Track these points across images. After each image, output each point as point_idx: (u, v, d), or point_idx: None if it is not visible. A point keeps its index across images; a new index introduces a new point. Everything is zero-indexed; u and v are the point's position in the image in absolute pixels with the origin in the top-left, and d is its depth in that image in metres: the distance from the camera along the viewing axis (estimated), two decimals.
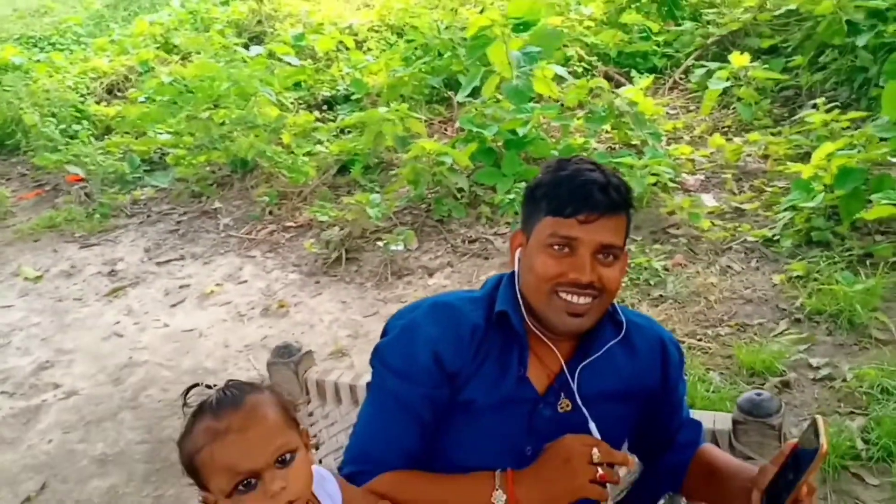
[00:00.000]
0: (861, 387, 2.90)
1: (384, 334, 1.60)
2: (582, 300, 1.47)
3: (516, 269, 1.52)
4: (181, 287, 4.47)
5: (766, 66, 5.65)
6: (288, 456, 1.29)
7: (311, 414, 2.42)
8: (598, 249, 1.45)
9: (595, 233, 1.44)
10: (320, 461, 2.25)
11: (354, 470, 1.50)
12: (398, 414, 1.52)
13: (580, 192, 1.42)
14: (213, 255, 4.82)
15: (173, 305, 4.29)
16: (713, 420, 2.02)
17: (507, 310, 1.51)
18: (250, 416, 1.28)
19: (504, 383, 1.51)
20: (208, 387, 1.36)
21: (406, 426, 1.52)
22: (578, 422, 1.55)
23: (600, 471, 1.40)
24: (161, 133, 6.41)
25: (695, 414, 2.10)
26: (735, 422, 1.93)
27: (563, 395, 1.55)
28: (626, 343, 1.58)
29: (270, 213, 5.20)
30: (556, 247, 1.44)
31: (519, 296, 1.51)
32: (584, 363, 1.55)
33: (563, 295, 1.46)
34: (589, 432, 1.56)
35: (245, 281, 4.46)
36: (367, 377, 2.48)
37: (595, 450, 1.41)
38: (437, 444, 1.56)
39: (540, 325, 1.51)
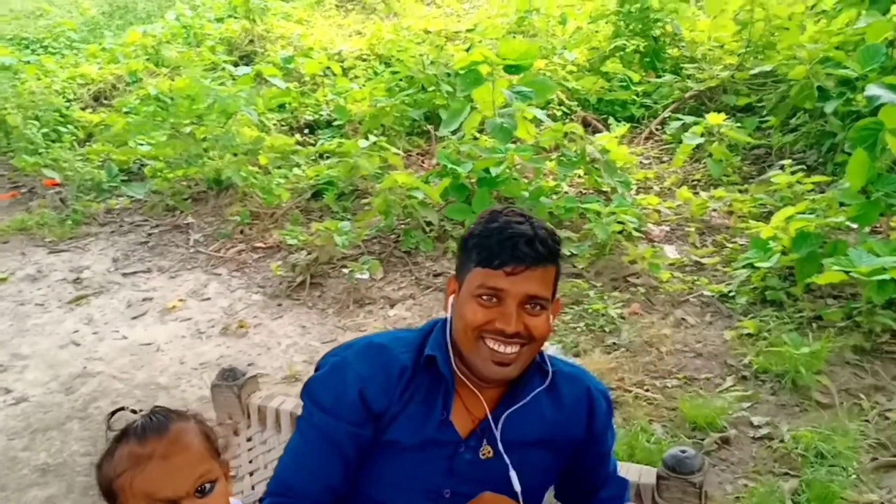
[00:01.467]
0: (797, 448, 2.96)
1: (317, 369, 1.64)
2: (509, 349, 1.52)
3: (449, 314, 1.57)
4: (144, 300, 4.49)
5: (741, 124, 5.79)
6: (208, 486, 1.32)
7: (250, 439, 2.45)
8: (524, 300, 1.51)
9: (521, 284, 1.50)
10: (253, 487, 2.27)
11: (276, 502, 1.54)
12: (323, 448, 1.55)
13: (507, 245, 1.48)
14: (180, 270, 4.84)
15: (134, 318, 4.30)
16: (639, 474, 2.07)
17: (436, 354, 1.56)
18: (174, 443, 1.31)
19: (427, 425, 1.56)
20: (133, 412, 1.40)
21: (330, 461, 1.56)
22: (499, 469, 1.60)
23: None
24: (142, 144, 6.44)
25: (623, 466, 2.16)
26: (659, 477, 1.98)
27: (485, 441, 1.59)
28: (552, 392, 1.63)
29: (241, 232, 5.23)
30: (484, 297, 1.50)
31: (449, 342, 1.56)
32: (508, 411, 1.60)
33: (490, 343, 1.52)
34: (509, 479, 1.60)
35: (208, 298, 4.48)
36: None
37: None
38: (357, 480, 1.60)
39: (469, 371, 1.56)
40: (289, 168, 5.84)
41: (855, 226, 4.03)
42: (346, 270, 4.49)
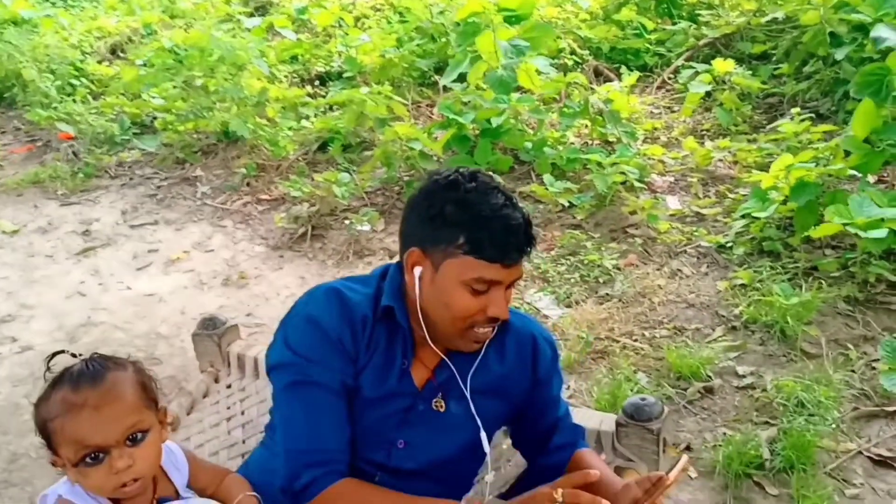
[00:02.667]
0: (779, 398, 2.97)
1: (284, 330, 1.59)
2: (490, 329, 1.55)
3: (417, 287, 1.51)
4: (150, 251, 4.57)
5: (754, 72, 5.67)
6: (139, 435, 1.37)
7: (229, 386, 2.52)
8: (510, 285, 1.53)
9: (514, 272, 1.50)
10: (229, 432, 2.34)
11: (309, 479, 1.48)
12: (330, 402, 1.52)
13: (508, 239, 1.45)
14: (186, 223, 4.91)
15: (139, 269, 4.39)
16: (600, 421, 2.10)
17: (393, 304, 1.56)
18: (107, 393, 1.36)
19: (389, 376, 1.57)
20: (73, 355, 1.45)
21: (339, 413, 1.53)
22: (452, 420, 1.63)
23: None
24: (155, 97, 6.48)
25: (585, 414, 2.19)
26: (618, 424, 2.01)
27: (440, 394, 1.62)
28: (497, 343, 1.65)
29: (248, 184, 5.28)
30: (476, 287, 1.46)
31: (420, 312, 1.52)
32: (472, 366, 1.61)
33: (478, 329, 1.53)
34: (462, 430, 1.64)
35: (212, 250, 4.55)
36: None
37: (559, 490, 1.43)
38: None
39: (433, 335, 1.55)
40: (297, 120, 5.85)
41: (859, 175, 3.96)
42: (347, 222, 4.53)
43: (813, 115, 4.96)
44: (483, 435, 1.65)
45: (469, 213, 1.45)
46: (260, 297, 4.03)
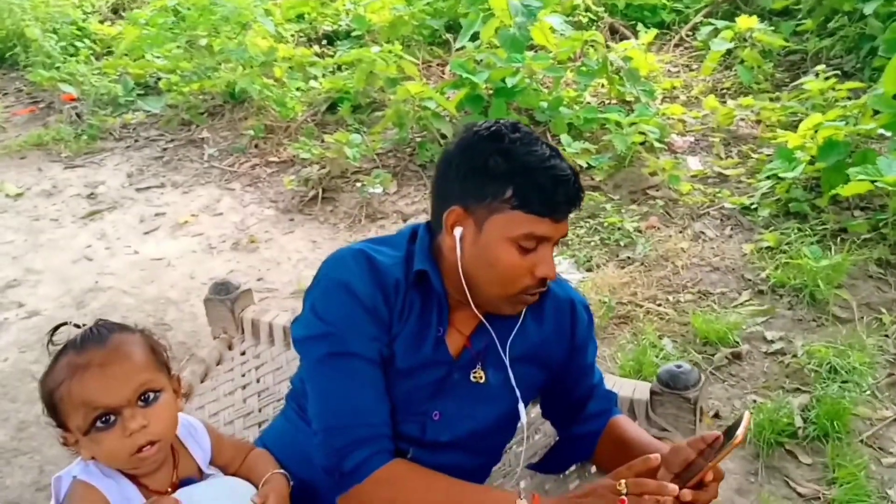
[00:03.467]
0: (810, 364, 2.87)
1: (311, 299, 1.47)
2: (539, 291, 1.44)
3: (458, 249, 1.40)
4: (157, 215, 4.47)
5: (775, 28, 5.50)
6: (151, 395, 1.27)
7: (243, 353, 2.43)
8: (557, 240, 1.42)
9: (563, 228, 1.40)
10: (245, 401, 2.25)
11: (360, 459, 1.37)
12: (371, 374, 1.42)
13: (558, 191, 1.34)
14: (193, 185, 4.80)
15: (146, 233, 4.29)
16: (633, 389, 2.01)
17: (427, 269, 1.45)
18: (113, 352, 1.26)
19: (423, 345, 1.46)
20: (77, 326, 1.35)
21: (380, 385, 1.43)
22: (489, 392, 1.53)
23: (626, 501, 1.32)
24: (158, 57, 6.34)
25: (617, 381, 2.09)
26: (653, 392, 1.92)
27: (479, 364, 1.51)
28: (535, 308, 1.55)
29: (256, 146, 5.16)
30: (524, 243, 1.36)
31: (462, 276, 1.41)
32: (510, 334, 1.51)
33: (529, 295, 1.43)
34: (500, 401, 1.54)
35: (221, 213, 4.44)
36: None
37: (622, 481, 1.33)
38: None
39: (473, 299, 1.44)
40: (305, 80, 5.71)
41: (888, 134, 3.82)
42: (358, 184, 4.41)
43: (837, 72, 4.80)
44: (521, 406, 1.55)
45: (516, 164, 1.35)
46: (271, 262, 3.93)
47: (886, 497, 2.37)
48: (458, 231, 1.40)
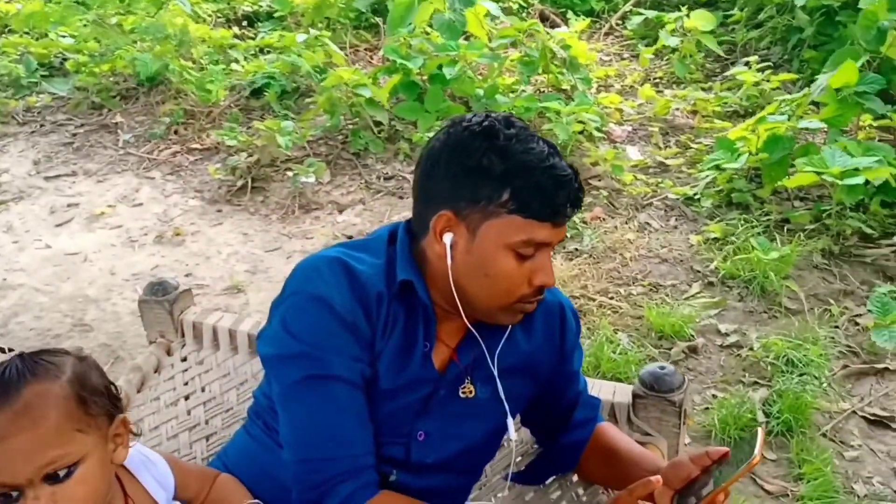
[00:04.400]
0: (767, 357, 2.84)
1: (281, 313, 1.30)
2: (537, 300, 1.31)
3: (448, 257, 1.25)
4: (69, 206, 4.14)
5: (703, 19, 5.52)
6: (62, 472, 1.04)
7: (184, 359, 2.21)
8: (555, 246, 1.29)
9: (562, 232, 1.26)
10: (189, 412, 2.05)
11: (346, 494, 1.23)
12: (354, 399, 1.27)
13: (559, 193, 1.20)
14: (108, 174, 4.47)
15: (58, 225, 3.96)
16: (613, 392, 1.90)
17: (412, 279, 1.29)
18: (21, 416, 1.02)
19: (409, 363, 1.31)
20: (2, 350, 1.12)
21: (363, 411, 1.28)
22: (476, 408, 1.39)
23: None
24: (64, 36, 5.93)
25: (596, 384, 1.98)
26: (635, 395, 1.81)
27: (467, 378, 1.37)
28: (525, 316, 1.41)
29: (175, 132, 4.85)
30: (523, 250, 1.22)
31: (453, 286, 1.26)
32: (500, 344, 1.37)
33: (527, 304, 1.29)
34: (487, 416, 1.41)
35: (140, 204, 4.15)
36: (252, 321, 2.29)
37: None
38: None
39: (462, 308, 1.29)
40: (226, 63, 5.42)
41: (825, 127, 3.85)
42: (290, 174, 4.19)
43: (767, 63, 4.85)
44: (510, 421, 1.42)
45: (513, 164, 1.20)
46: (199, 256, 3.68)
47: (853, 492, 2.35)
48: (448, 237, 1.25)
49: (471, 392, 1.38)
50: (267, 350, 1.31)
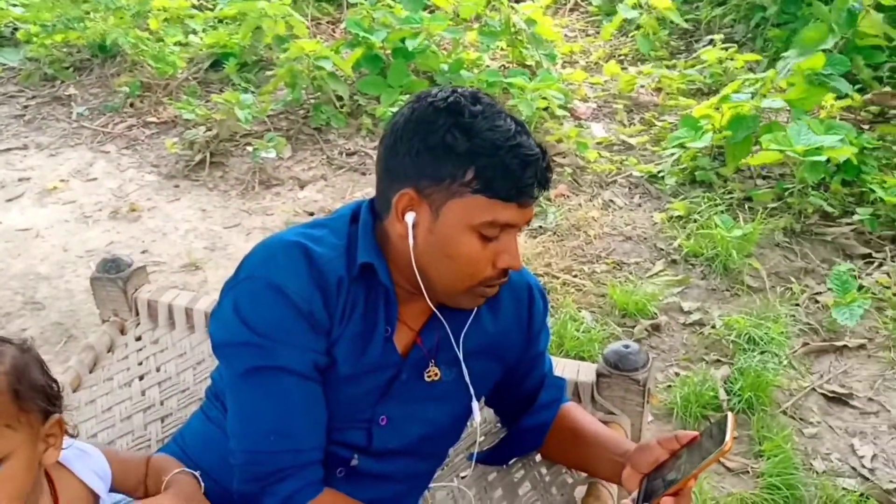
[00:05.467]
0: (729, 335, 2.85)
1: (233, 297, 1.24)
2: (501, 283, 1.28)
3: (410, 237, 1.21)
4: (20, 180, 4.01)
5: None
6: None
7: (139, 338, 2.15)
8: (522, 228, 1.24)
9: (529, 213, 1.22)
10: (143, 393, 1.99)
11: (286, 494, 1.20)
12: (303, 391, 1.22)
13: (526, 172, 1.16)
14: (61, 147, 4.34)
15: (9, 200, 3.84)
16: (577, 371, 1.88)
17: (373, 261, 1.24)
18: None
19: (369, 347, 1.27)
20: None
21: (313, 403, 1.24)
22: (440, 391, 1.36)
23: None
24: (15, 5, 5.73)
25: (560, 363, 1.95)
26: (599, 374, 1.80)
27: (432, 361, 1.33)
28: (491, 297, 1.37)
29: (132, 105, 4.72)
30: (487, 231, 1.18)
31: (415, 267, 1.22)
32: (464, 327, 1.33)
33: (488, 288, 1.25)
34: (451, 398, 1.39)
35: (95, 179, 4.03)
36: (209, 299, 2.23)
37: None
38: None
39: (415, 287, 1.26)
40: (184, 35, 5.28)
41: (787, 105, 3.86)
42: (250, 148, 4.10)
43: (731, 42, 4.86)
44: (475, 404, 1.40)
45: (478, 142, 1.15)
46: (156, 232, 3.59)
47: (811, 468, 2.37)
48: (409, 217, 1.20)
49: (436, 375, 1.35)
50: (217, 334, 1.27)
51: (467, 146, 1.15)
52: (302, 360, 1.21)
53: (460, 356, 1.34)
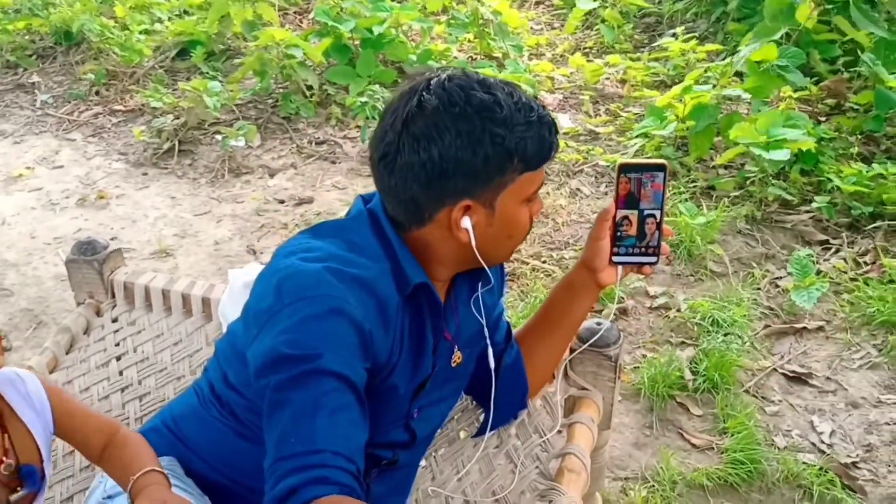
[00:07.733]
0: (693, 318, 2.93)
1: (284, 328, 1.15)
2: None
3: (473, 240, 1.23)
4: None
5: None
6: None
7: (115, 320, 2.17)
8: None
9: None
10: (121, 373, 2.01)
11: (288, 487, 1.07)
12: (345, 396, 1.14)
13: (551, 140, 1.23)
14: (26, 135, 4.29)
15: None
16: None
17: (427, 281, 1.26)
18: None
19: (422, 364, 1.30)
20: None
21: (354, 412, 1.15)
22: (462, 372, 1.45)
23: None
24: None
25: None
26: (572, 350, 1.85)
27: (455, 346, 1.39)
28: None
29: (97, 93, 4.68)
30: (531, 198, 1.27)
31: (480, 258, 1.25)
32: (476, 292, 1.41)
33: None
34: (465, 375, 1.47)
35: (61, 166, 4.00)
36: (186, 281, 2.24)
37: None
38: None
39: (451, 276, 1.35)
40: (150, 22, 5.24)
41: (747, 96, 3.95)
42: (219, 137, 4.09)
43: (693, 35, 4.95)
44: (490, 350, 1.44)
45: (518, 130, 1.18)
46: (125, 219, 3.57)
47: (773, 444, 2.46)
48: (467, 222, 1.22)
49: (459, 359, 1.41)
50: (258, 361, 1.18)
51: (512, 140, 1.18)
52: (352, 371, 1.15)
53: (483, 319, 1.40)
